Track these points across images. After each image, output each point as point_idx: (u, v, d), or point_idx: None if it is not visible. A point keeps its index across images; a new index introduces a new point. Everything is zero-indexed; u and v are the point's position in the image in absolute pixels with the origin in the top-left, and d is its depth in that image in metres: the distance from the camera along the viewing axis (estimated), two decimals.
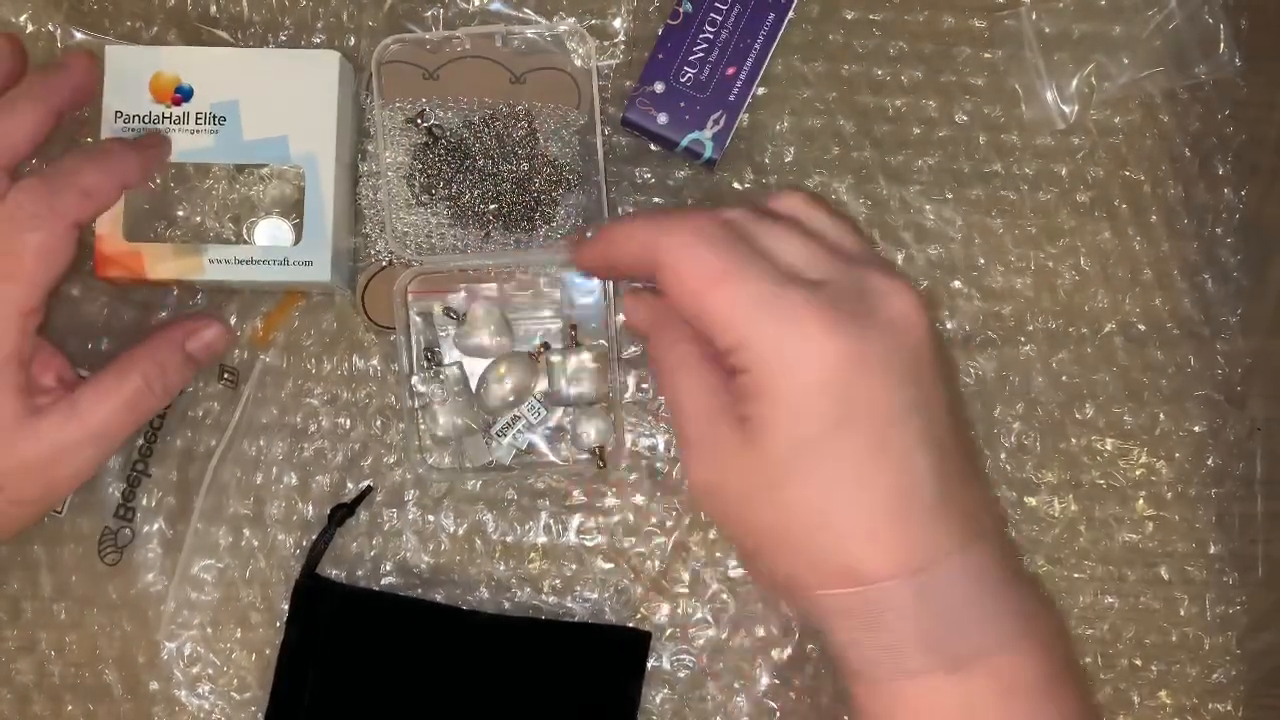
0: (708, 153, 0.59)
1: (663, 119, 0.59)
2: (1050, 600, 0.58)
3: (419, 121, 0.59)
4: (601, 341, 0.59)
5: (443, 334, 0.60)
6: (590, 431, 0.59)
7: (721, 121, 0.59)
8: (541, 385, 0.59)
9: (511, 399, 0.59)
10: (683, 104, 0.59)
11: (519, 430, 0.60)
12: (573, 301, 0.60)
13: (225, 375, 0.60)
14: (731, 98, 0.59)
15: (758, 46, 0.59)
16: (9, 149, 0.52)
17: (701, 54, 0.59)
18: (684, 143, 0.59)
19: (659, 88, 0.59)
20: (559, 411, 0.60)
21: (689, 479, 0.48)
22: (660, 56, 0.59)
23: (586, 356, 0.58)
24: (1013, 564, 0.46)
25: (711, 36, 0.59)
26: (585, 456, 0.60)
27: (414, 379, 0.59)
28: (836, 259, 0.46)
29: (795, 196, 0.49)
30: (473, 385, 0.59)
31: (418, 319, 0.60)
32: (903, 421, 0.44)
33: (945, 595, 0.43)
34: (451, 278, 0.60)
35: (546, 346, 0.60)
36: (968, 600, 0.43)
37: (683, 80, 0.59)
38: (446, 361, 0.60)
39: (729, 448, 0.45)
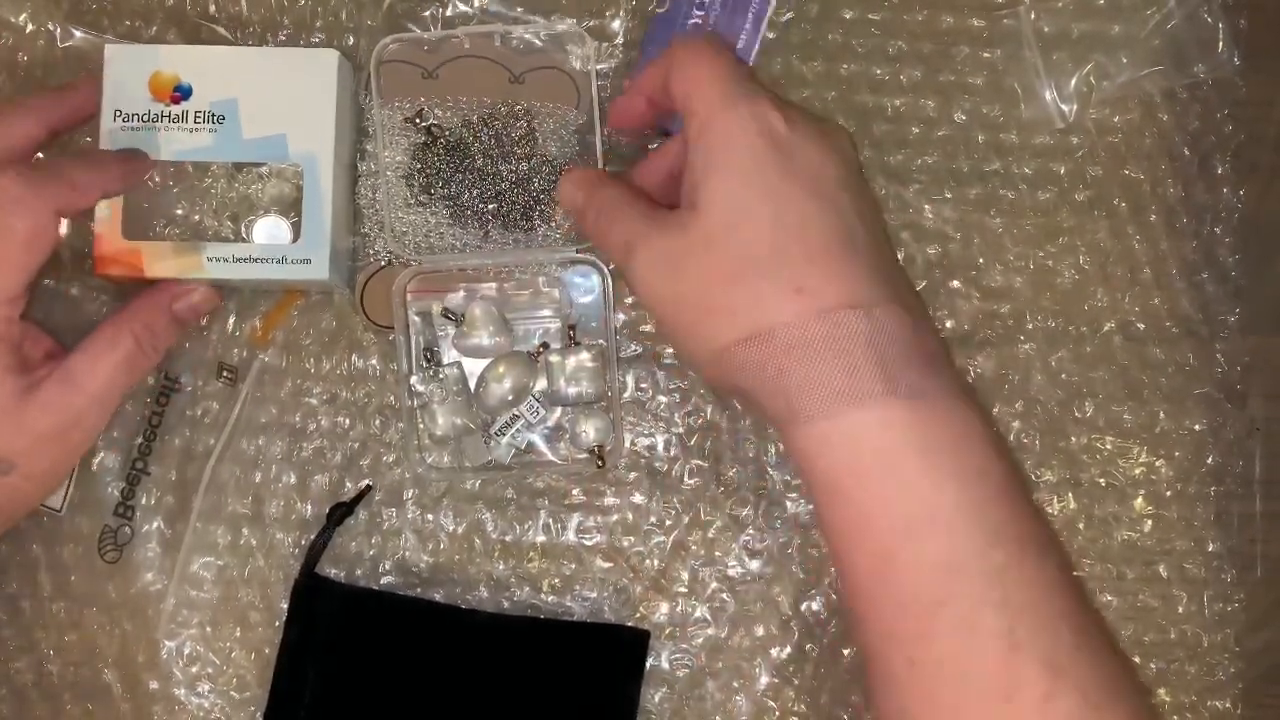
0: None
1: None
2: None
3: (417, 121, 0.59)
4: (600, 341, 0.59)
5: (441, 334, 0.60)
6: (589, 431, 0.59)
7: None
8: (540, 385, 0.59)
9: (510, 398, 0.59)
10: None
11: (518, 430, 0.60)
12: (571, 301, 0.60)
13: (225, 373, 0.60)
14: None
15: (748, 26, 0.59)
16: (73, 195, 0.53)
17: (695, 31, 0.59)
18: (676, 128, 0.59)
19: None
20: (558, 411, 0.60)
21: (638, 278, 0.49)
22: (651, 46, 0.59)
23: (585, 356, 0.58)
24: (944, 349, 0.49)
25: (700, 20, 0.59)
26: (584, 456, 0.60)
27: (413, 379, 0.59)
28: None
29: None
30: (471, 385, 0.59)
31: (416, 319, 0.60)
32: (840, 188, 0.48)
33: (896, 335, 0.45)
34: (450, 278, 0.60)
35: (545, 346, 0.60)
36: (917, 348, 0.45)
37: None
38: (445, 361, 0.60)
39: (675, 226, 0.48)
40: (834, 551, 0.47)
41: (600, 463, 0.59)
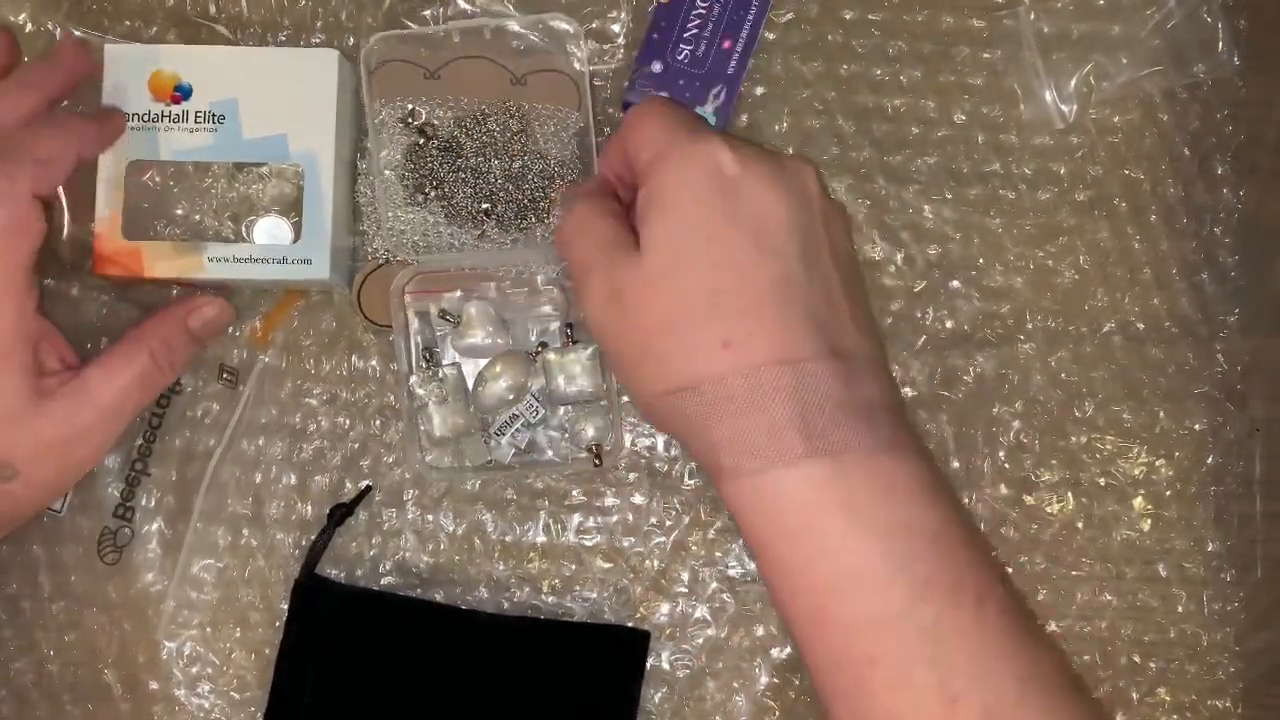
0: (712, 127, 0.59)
1: (663, 97, 0.59)
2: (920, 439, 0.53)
3: (409, 121, 0.59)
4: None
5: (440, 335, 0.60)
6: (588, 429, 0.59)
7: (722, 95, 0.59)
8: (539, 384, 0.59)
9: (509, 398, 0.59)
10: (682, 81, 0.59)
11: (517, 429, 0.60)
12: (569, 300, 0.60)
13: (225, 374, 0.60)
14: (730, 70, 0.59)
15: (751, 17, 0.59)
16: (46, 173, 0.52)
17: (695, 29, 0.59)
18: None
19: (657, 67, 0.59)
20: (559, 411, 0.60)
21: (587, 304, 0.49)
22: (655, 36, 0.59)
23: (584, 354, 0.58)
24: (896, 400, 0.48)
25: (704, 11, 0.59)
26: (583, 454, 0.60)
27: (411, 380, 0.59)
28: None
29: None
30: (470, 386, 0.59)
31: (415, 320, 0.60)
32: (788, 234, 0.46)
33: (824, 390, 0.44)
34: (448, 278, 0.60)
35: (544, 345, 0.60)
36: (846, 402, 0.45)
37: (679, 58, 0.59)
38: (445, 362, 0.60)
39: (626, 260, 0.47)
40: (775, 605, 0.47)
41: (598, 461, 0.59)
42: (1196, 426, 0.61)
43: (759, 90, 0.61)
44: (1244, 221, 0.62)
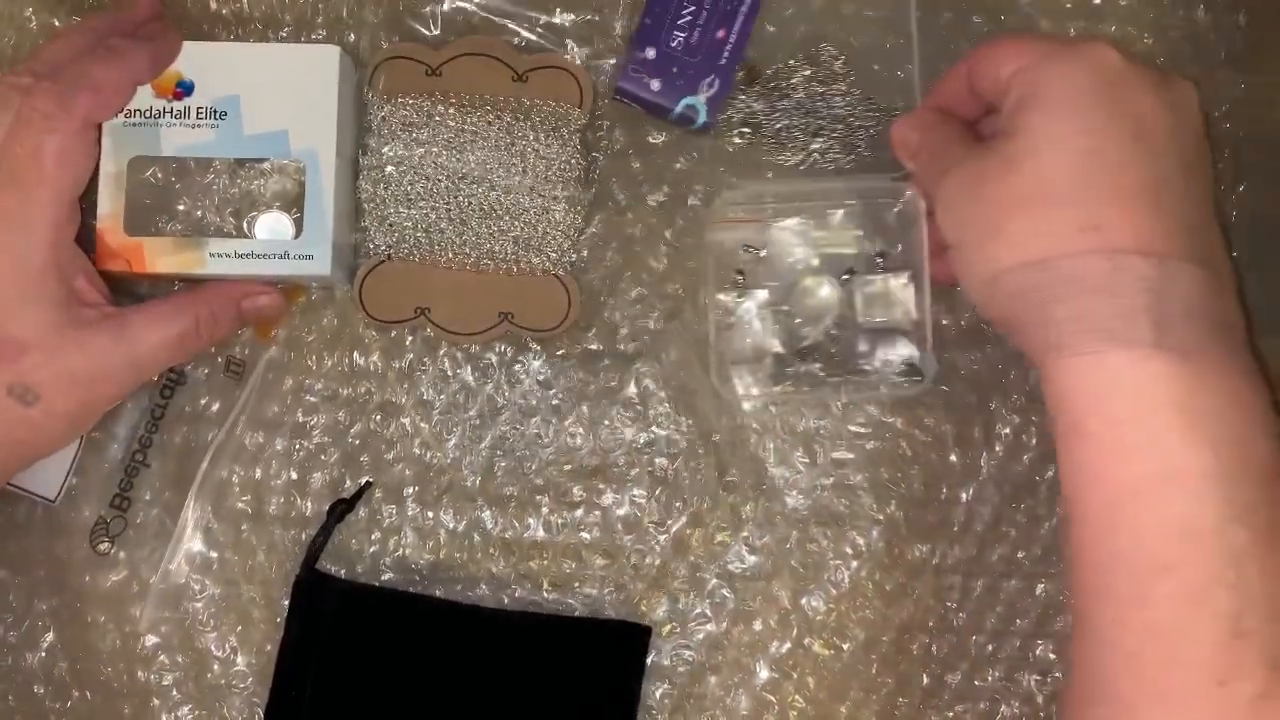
0: (701, 117, 0.59)
1: (655, 85, 0.59)
2: None
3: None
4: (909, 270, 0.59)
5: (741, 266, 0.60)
6: (899, 351, 0.58)
7: (715, 85, 0.59)
8: (847, 310, 0.59)
9: (825, 311, 0.58)
10: (675, 69, 0.59)
11: (822, 353, 0.59)
12: (877, 232, 0.59)
13: (231, 366, 0.61)
14: (723, 61, 0.59)
15: (745, 7, 0.59)
16: (100, 99, 0.53)
17: (690, 17, 0.59)
18: (678, 109, 0.59)
19: (650, 54, 0.59)
20: (859, 341, 0.59)
21: (940, 211, 0.49)
22: (648, 22, 0.59)
23: (898, 281, 0.58)
24: (1244, 323, 0.46)
25: None
26: (897, 378, 0.58)
27: (719, 295, 0.58)
28: None
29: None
30: (775, 311, 0.59)
31: (722, 242, 0.59)
32: (1169, 138, 0.46)
33: (1186, 290, 0.43)
34: (756, 215, 0.60)
35: (852, 272, 0.59)
36: (1206, 309, 0.43)
37: (673, 45, 0.59)
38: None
39: (980, 148, 0.48)
40: (1066, 496, 0.45)
41: (919, 377, 0.58)
42: None
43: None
44: (1243, 220, 0.62)
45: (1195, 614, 0.41)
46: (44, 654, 0.60)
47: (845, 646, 0.60)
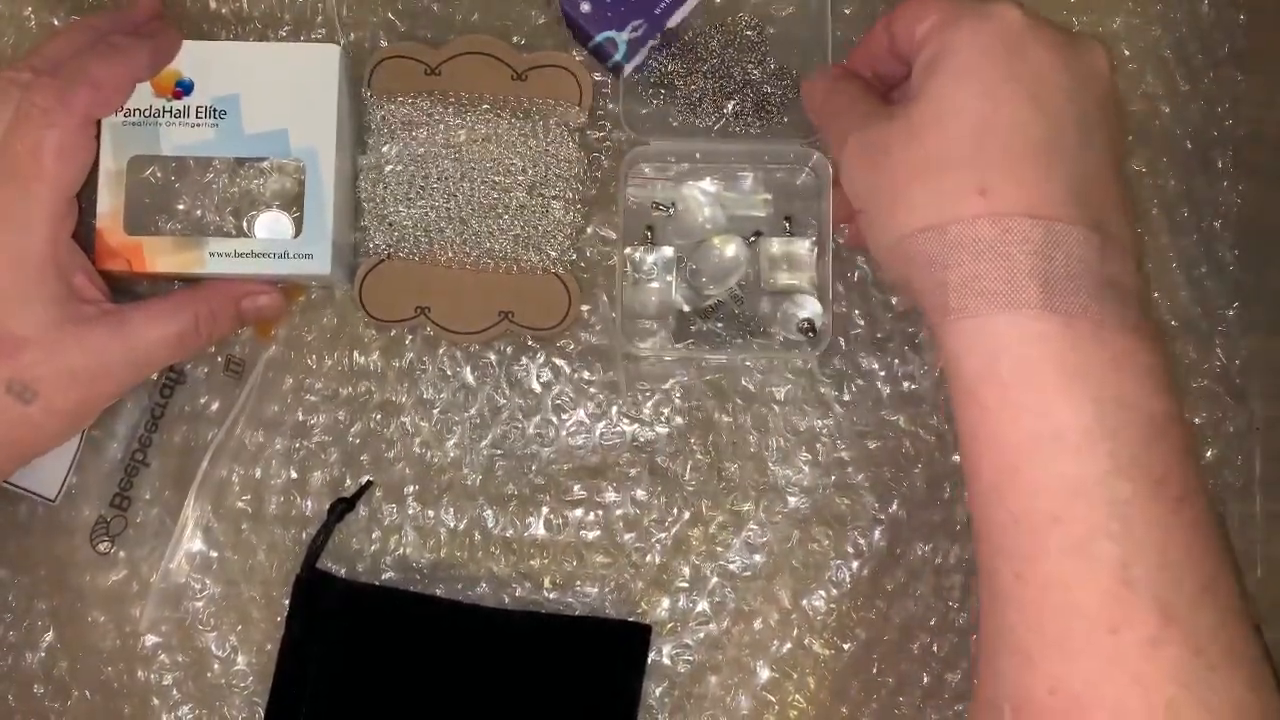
0: (619, 54, 0.59)
1: (586, 8, 0.59)
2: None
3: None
4: (814, 232, 0.61)
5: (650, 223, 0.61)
6: (800, 312, 0.59)
7: (641, 30, 0.59)
8: (752, 271, 0.60)
9: (725, 274, 0.60)
10: (610, 0, 0.59)
11: (725, 312, 0.60)
12: (785, 195, 0.61)
13: (231, 365, 0.60)
14: (657, 12, 0.59)
15: None
16: (99, 95, 0.53)
17: None
18: (598, 38, 0.59)
19: (586, 8, 0.59)
20: (763, 302, 0.61)
21: (844, 154, 0.50)
22: None
23: (804, 245, 0.60)
24: (1138, 287, 0.46)
25: None
26: (795, 337, 0.60)
27: (628, 250, 0.60)
28: None
29: None
30: (682, 269, 0.61)
31: (633, 198, 0.61)
32: (1065, 98, 0.46)
33: (1073, 254, 0.43)
34: (666, 173, 0.62)
35: (759, 234, 0.60)
36: (1093, 272, 0.44)
37: None
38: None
39: (886, 113, 0.48)
40: (963, 457, 0.46)
41: (812, 333, 0.59)
42: (1196, 420, 0.61)
43: None
44: (1244, 219, 0.62)
45: (1084, 565, 0.42)
46: (44, 653, 0.60)
47: (846, 646, 0.60)
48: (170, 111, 0.57)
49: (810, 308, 0.59)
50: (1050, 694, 0.43)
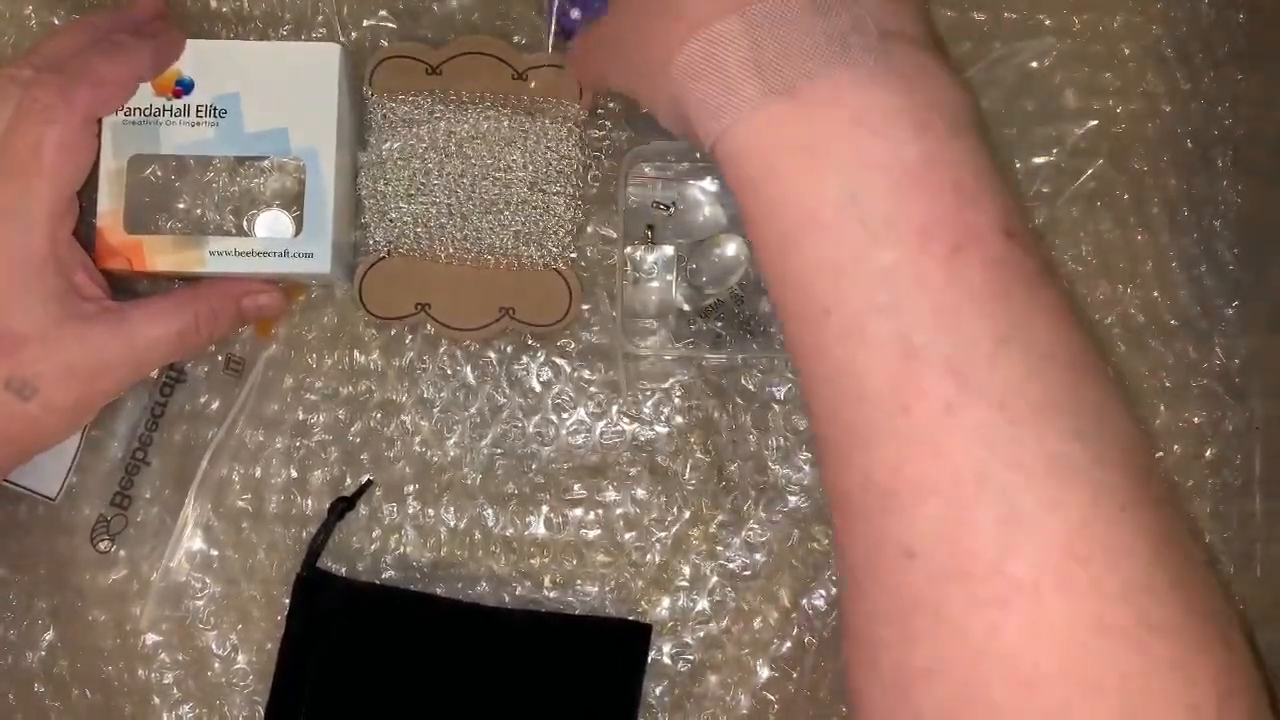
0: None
1: (575, 14, 0.59)
2: (956, 77, 0.43)
3: None
4: None
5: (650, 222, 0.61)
6: None
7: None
8: (753, 271, 0.60)
9: (725, 277, 0.60)
10: (598, 5, 0.58)
11: (725, 312, 0.60)
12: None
13: (231, 364, 0.61)
14: None
15: None
16: (102, 93, 0.53)
17: None
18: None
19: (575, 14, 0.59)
20: (764, 299, 0.60)
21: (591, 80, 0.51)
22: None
23: None
24: (909, 31, 0.42)
25: None
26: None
27: (629, 249, 0.59)
28: None
29: None
30: (684, 267, 0.61)
31: (634, 196, 0.61)
32: None
33: (781, 23, 0.40)
34: (667, 172, 0.62)
35: None
36: (812, 32, 0.40)
37: None
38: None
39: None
40: (760, 273, 0.44)
41: None
42: (1195, 419, 0.61)
43: None
44: (1244, 218, 0.62)
45: (863, 349, 0.39)
46: (44, 652, 0.60)
47: None
48: (170, 110, 0.57)
49: None
50: (862, 490, 0.39)
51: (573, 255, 0.60)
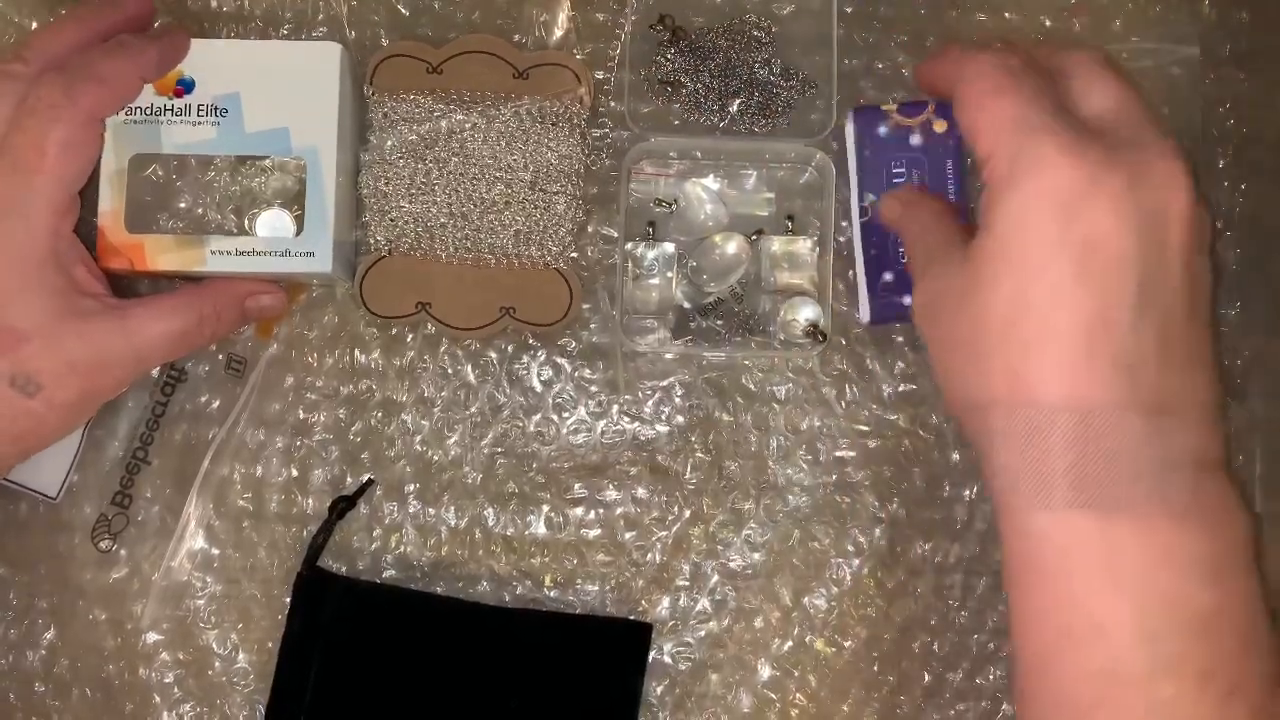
0: None
1: (888, 277, 0.60)
2: (1245, 505, 0.46)
3: (663, 24, 0.61)
4: (816, 232, 0.61)
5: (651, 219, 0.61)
6: (802, 314, 0.59)
7: None
8: (753, 270, 0.61)
9: (725, 275, 0.60)
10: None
11: (725, 310, 0.60)
12: (788, 195, 0.62)
13: (232, 363, 0.61)
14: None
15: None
16: (106, 92, 0.53)
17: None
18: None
19: (888, 277, 0.59)
20: (764, 298, 0.61)
21: (915, 313, 0.49)
22: (873, 252, 0.60)
23: (805, 244, 0.60)
24: (1211, 456, 0.44)
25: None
26: (799, 341, 0.60)
27: (629, 245, 0.60)
28: (1110, 113, 0.46)
29: (1091, 54, 0.49)
30: (684, 265, 0.61)
31: (634, 195, 0.61)
32: (1120, 265, 0.42)
33: (1113, 443, 0.42)
34: (669, 169, 0.62)
35: (760, 233, 0.61)
36: (1138, 459, 0.42)
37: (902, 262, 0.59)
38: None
39: (952, 264, 0.46)
40: (1012, 634, 0.46)
41: (822, 337, 0.59)
42: None
43: None
44: (1244, 219, 0.63)
45: None
46: (45, 651, 0.60)
47: (847, 644, 0.60)
48: (171, 110, 0.57)
49: (809, 310, 0.59)
50: None
51: (573, 255, 0.60)
